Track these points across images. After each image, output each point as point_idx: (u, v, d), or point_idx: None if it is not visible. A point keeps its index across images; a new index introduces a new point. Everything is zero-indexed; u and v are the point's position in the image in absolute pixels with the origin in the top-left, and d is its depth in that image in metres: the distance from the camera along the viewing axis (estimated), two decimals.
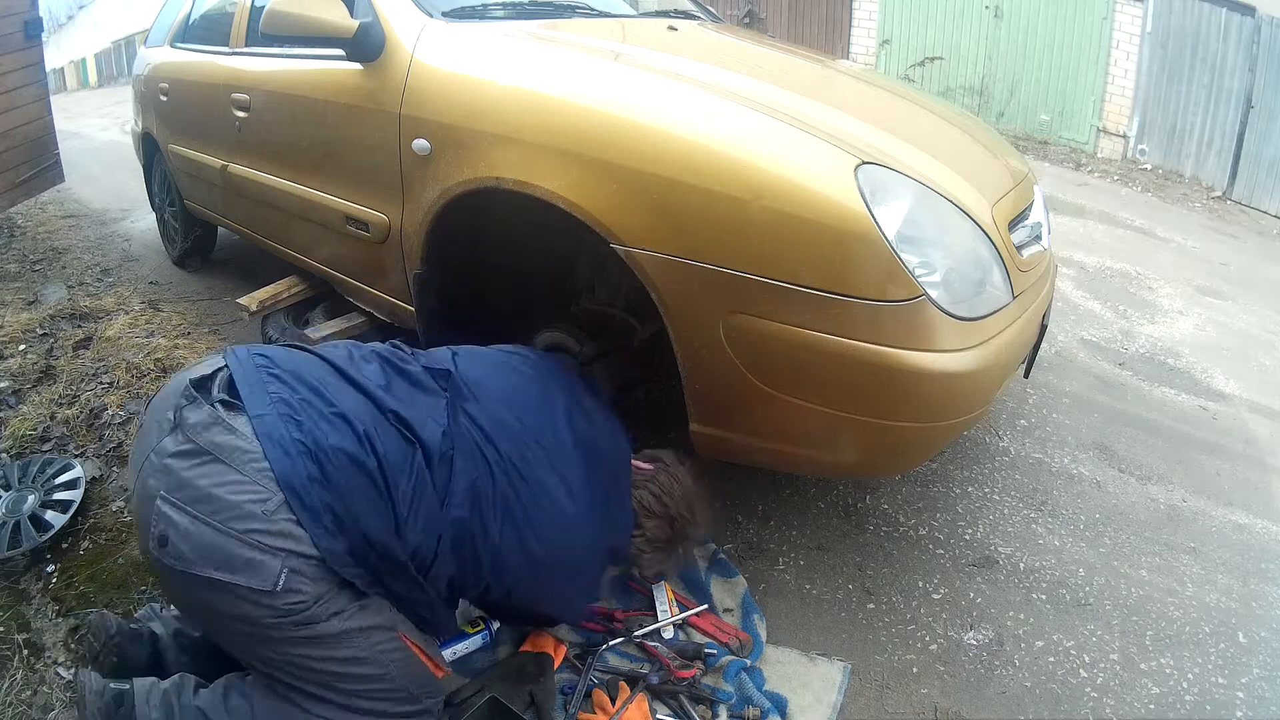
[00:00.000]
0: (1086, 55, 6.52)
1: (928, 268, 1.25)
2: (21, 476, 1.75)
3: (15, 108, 3.57)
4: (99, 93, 16.30)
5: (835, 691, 1.37)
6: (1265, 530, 1.92)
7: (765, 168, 1.26)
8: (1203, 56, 6.03)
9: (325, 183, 2.04)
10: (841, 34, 7.83)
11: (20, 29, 3.54)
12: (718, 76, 1.56)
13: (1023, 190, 1.68)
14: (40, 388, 2.25)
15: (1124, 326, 3.11)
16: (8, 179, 3.57)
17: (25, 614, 1.49)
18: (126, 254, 3.77)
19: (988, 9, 6.90)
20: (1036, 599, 1.63)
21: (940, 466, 2.03)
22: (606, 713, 1.25)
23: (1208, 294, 3.68)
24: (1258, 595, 1.69)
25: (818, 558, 1.71)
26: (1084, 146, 6.69)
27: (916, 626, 1.54)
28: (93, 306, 2.91)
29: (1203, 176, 6.17)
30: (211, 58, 2.66)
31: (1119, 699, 1.41)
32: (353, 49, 1.77)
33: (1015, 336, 1.41)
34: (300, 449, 1.03)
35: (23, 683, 1.35)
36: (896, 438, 1.35)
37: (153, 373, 2.33)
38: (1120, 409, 2.43)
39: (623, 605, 1.52)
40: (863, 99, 1.87)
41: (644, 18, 2.31)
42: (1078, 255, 3.94)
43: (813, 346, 1.26)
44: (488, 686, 1.26)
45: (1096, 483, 2.04)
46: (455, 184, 1.59)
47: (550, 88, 1.50)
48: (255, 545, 0.99)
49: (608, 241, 1.38)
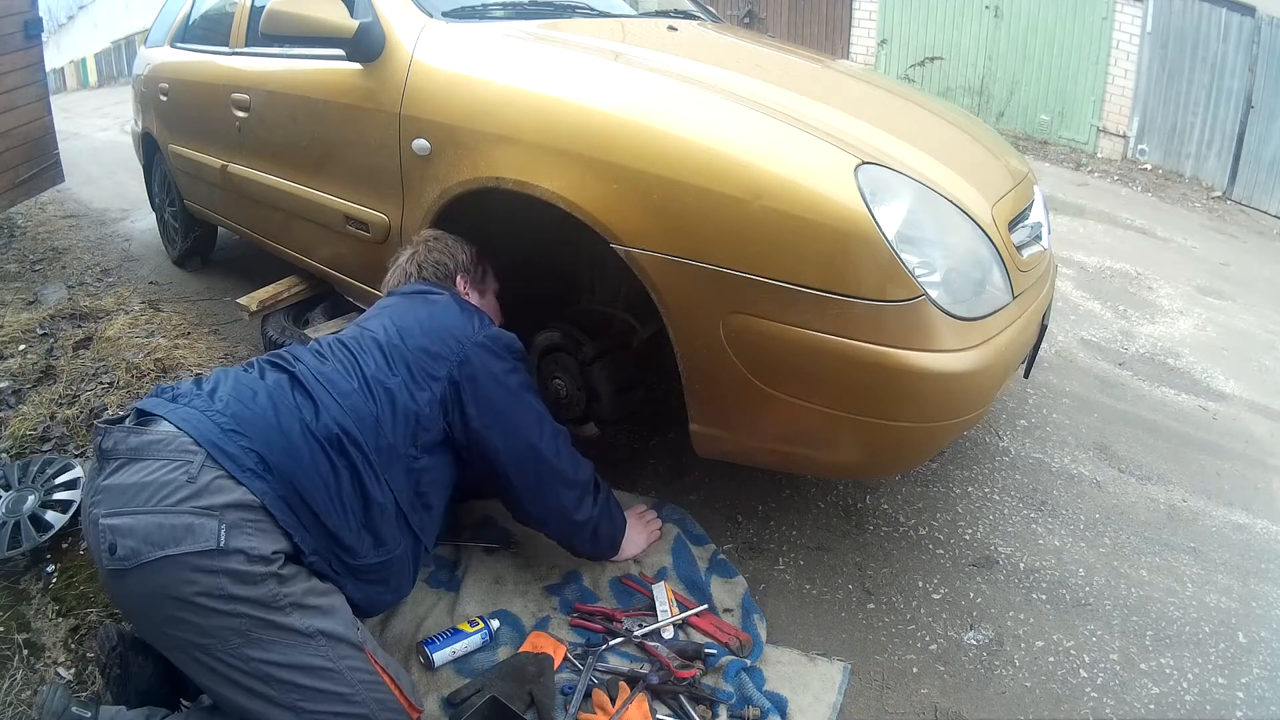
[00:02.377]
0: (1086, 55, 6.52)
1: (928, 268, 1.25)
2: (21, 476, 1.75)
3: (15, 108, 3.57)
4: (99, 93, 16.30)
5: (835, 691, 1.37)
6: (1265, 530, 1.92)
7: (765, 168, 1.26)
8: (1203, 56, 6.03)
9: (325, 183, 2.04)
10: (841, 34, 7.83)
11: (20, 29, 3.54)
12: (718, 76, 1.56)
13: (1023, 190, 1.68)
14: (40, 388, 2.25)
15: (1124, 326, 3.11)
16: (8, 179, 3.57)
17: (25, 614, 1.49)
18: (126, 254, 3.77)
19: (988, 9, 6.90)
20: (1036, 599, 1.63)
21: (940, 466, 2.03)
22: (606, 713, 1.25)
23: (1208, 294, 3.68)
24: (1258, 595, 1.69)
25: (818, 558, 1.71)
26: (1084, 146, 6.69)
27: (916, 626, 1.54)
28: (93, 306, 2.91)
29: (1203, 176, 6.17)
30: (211, 58, 2.66)
31: (1119, 699, 1.41)
32: (353, 49, 1.78)
33: (1015, 336, 1.41)
34: (215, 414, 1.11)
35: (23, 683, 1.35)
36: (896, 438, 1.35)
37: (153, 373, 2.33)
38: (1120, 409, 2.43)
39: (623, 605, 1.52)
40: (863, 99, 1.87)
41: (644, 18, 2.31)
42: (1078, 255, 3.94)
43: (813, 346, 1.26)
44: (488, 686, 1.26)
45: (1096, 483, 2.04)
46: (455, 184, 1.59)
47: (550, 88, 1.50)
48: (189, 511, 1.02)
49: (608, 241, 1.38)
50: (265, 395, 1.17)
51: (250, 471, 1.07)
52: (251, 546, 1.03)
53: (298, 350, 1.31)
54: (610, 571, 1.58)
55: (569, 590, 1.54)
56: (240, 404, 1.14)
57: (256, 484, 1.07)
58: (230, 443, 1.08)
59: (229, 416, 1.12)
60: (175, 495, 1.03)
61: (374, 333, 1.35)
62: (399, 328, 1.35)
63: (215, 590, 1.01)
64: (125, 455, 1.08)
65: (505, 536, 1.67)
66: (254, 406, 1.15)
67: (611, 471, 1.93)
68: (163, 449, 1.07)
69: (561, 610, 1.50)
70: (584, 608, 1.49)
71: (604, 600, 1.53)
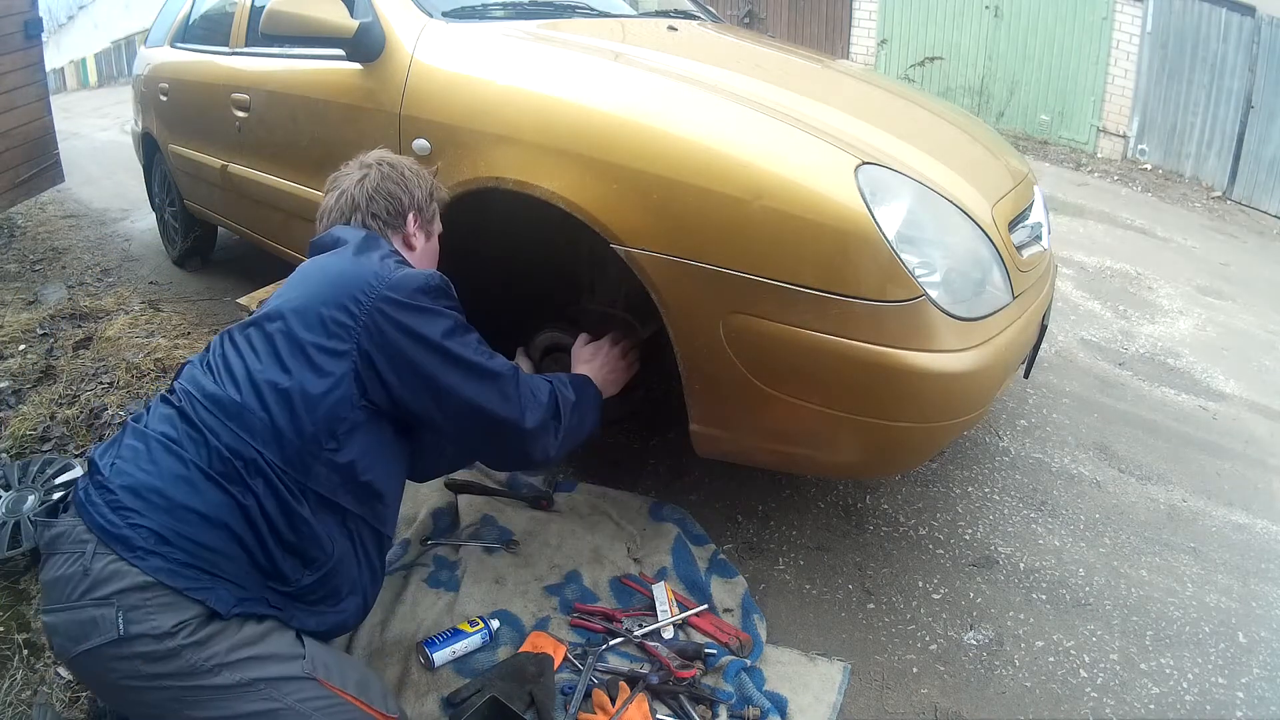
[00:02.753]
0: (1086, 55, 6.52)
1: (928, 268, 1.25)
2: (21, 476, 1.75)
3: (15, 108, 3.57)
4: (99, 93, 16.30)
5: (835, 691, 1.37)
6: (1265, 530, 1.92)
7: (765, 168, 1.26)
8: (1203, 56, 6.03)
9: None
10: (841, 34, 7.83)
11: (20, 29, 3.54)
12: (718, 76, 1.56)
13: (1023, 190, 1.68)
14: (40, 388, 2.25)
15: (1124, 326, 3.11)
16: (8, 179, 3.57)
17: (25, 614, 1.49)
18: (126, 254, 3.77)
19: (988, 9, 6.90)
20: (1036, 599, 1.63)
21: (940, 466, 2.03)
22: (606, 713, 1.25)
23: (1208, 294, 3.68)
24: (1258, 595, 1.69)
25: (818, 558, 1.71)
26: (1084, 146, 6.69)
27: (916, 626, 1.54)
28: (93, 306, 2.91)
29: (1203, 176, 6.17)
30: (211, 58, 2.66)
31: (1119, 699, 1.41)
32: (353, 49, 1.78)
33: (1015, 336, 1.41)
34: (106, 492, 1.02)
35: (23, 683, 1.35)
36: (896, 438, 1.35)
37: (153, 373, 2.33)
38: (1120, 409, 2.43)
39: (623, 605, 1.52)
40: (863, 99, 1.87)
41: (644, 18, 2.31)
42: (1078, 255, 3.94)
43: (813, 346, 1.26)
44: (488, 686, 1.26)
45: (1096, 483, 2.04)
46: (455, 184, 1.59)
47: (550, 88, 1.50)
48: (89, 604, 0.98)
49: (608, 241, 1.38)
50: (152, 448, 1.06)
51: (141, 551, 0.98)
52: (154, 627, 0.97)
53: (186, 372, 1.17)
54: (610, 571, 1.59)
55: (569, 590, 1.54)
56: (131, 468, 1.04)
57: (151, 562, 0.98)
58: (120, 522, 1.00)
59: (120, 489, 1.02)
60: (77, 589, 0.99)
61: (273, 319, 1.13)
62: (296, 308, 1.13)
63: (135, 674, 0.98)
64: (46, 550, 1.04)
65: (505, 536, 1.67)
66: (144, 468, 1.04)
67: (612, 471, 1.94)
68: (64, 542, 1.02)
69: (561, 610, 1.50)
70: (584, 608, 1.49)
71: (604, 600, 1.53)
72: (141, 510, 1.00)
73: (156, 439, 1.06)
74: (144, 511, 1.00)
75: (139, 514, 1.00)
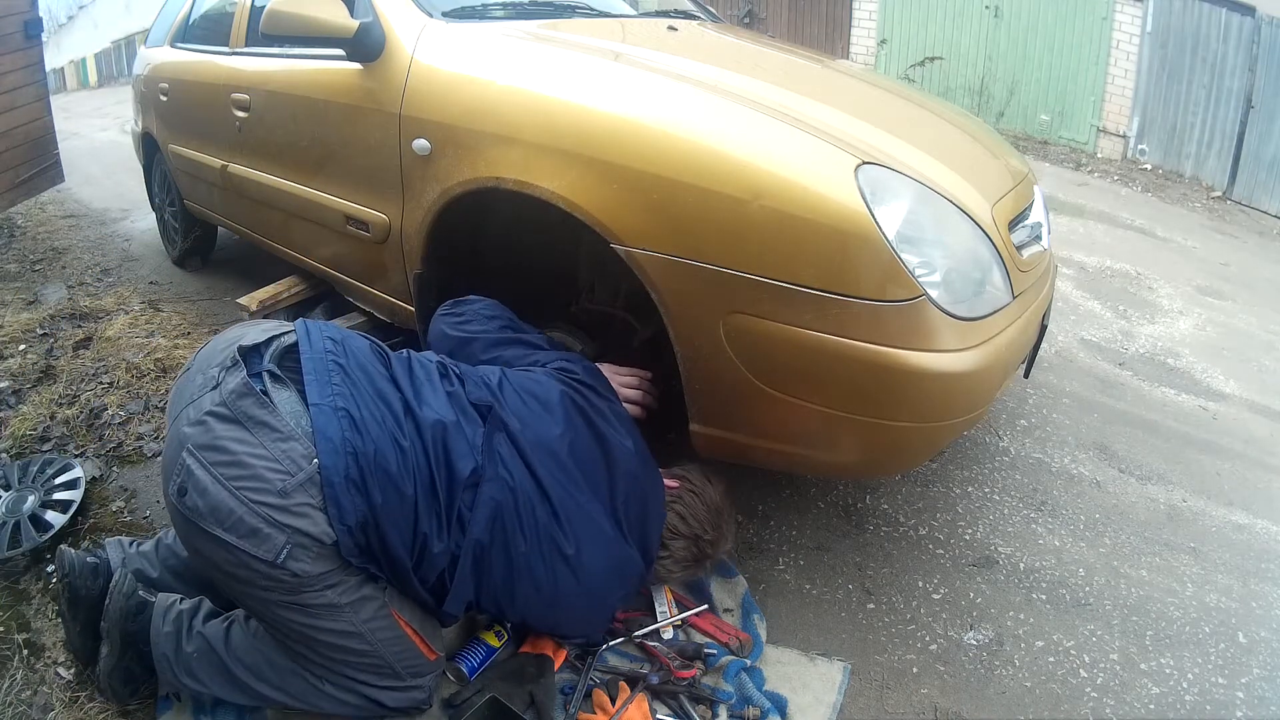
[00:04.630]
0: (1086, 55, 6.53)
1: (928, 268, 1.25)
2: (21, 476, 1.75)
3: (15, 108, 3.56)
4: (99, 93, 16.30)
5: (835, 691, 1.37)
6: (1265, 530, 1.92)
7: (765, 168, 1.26)
8: (1203, 56, 6.04)
9: (325, 183, 2.04)
10: (841, 34, 7.83)
11: (20, 29, 3.53)
12: (718, 76, 1.56)
13: (1023, 190, 1.68)
14: (40, 388, 2.25)
15: (1124, 326, 3.12)
16: (8, 179, 3.57)
17: (25, 614, 1.49)
18: (126, 254, 3.77)
19: (987, 9, 6.90)
20: (1036, 599, 1.63)
21: (940, 466, 2.03)
22: (606, 713, 1.25)
23: (1208, 294, 3.68)
24: (1258, 595, 1.69)
25: (818, 558, 1.71)
26: (1084, 146, 6.69)
27: (916, 626, 1.54)
28: (93, 306, 2.91)
29: (1203, 176, 6.17)
30: (211, 58, 2.66)
31: (1119, 699, 1.41)
32: (353, 49, 1.78)
33: (1015, 336, 1.41)
34: (349, 449, 1.05)
35: (23, 683, 1.35)
36: (896, 438, 1.35)
37: (153, 373, 2.33)
38: (1120, 409, 2.43)
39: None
40: (863, 99, 1.87)
41: (644, 18, 2.31)
42: (1078, 255, 3.94)
43: (813, 346, 1.26)
44: (488, 686, 1.26)
45: (1096, 483, 2.04)
46: (455, 184, 1.59)
47: (550, 88, 1.50)
48: (263, 518, 1.01)
49: (608, 241, 1.38)
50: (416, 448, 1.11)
51: (346, 529, 1.04)
52: (303, 569, 1.04)
53: (494, 386, 1.27)
54: None
55: None
56: (387, 444, 1.07)
57: (344, 539, 1.04)
58: (345, 496, 1.03)
59: (367, 458, 1.05)
60: (259, 495, 1.01)
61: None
62: None
63: (256, 581, 1.05)
64: (237, 415, 1.04)
65: None
66: (395, 457, 1.07)
67: None
68: (271, 441, 1.02)
69: None
70: None
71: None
72: (370, 498, 1.05)
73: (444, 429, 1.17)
74: (372, 499, 1.05)
75: (367, 500, 1.05)
